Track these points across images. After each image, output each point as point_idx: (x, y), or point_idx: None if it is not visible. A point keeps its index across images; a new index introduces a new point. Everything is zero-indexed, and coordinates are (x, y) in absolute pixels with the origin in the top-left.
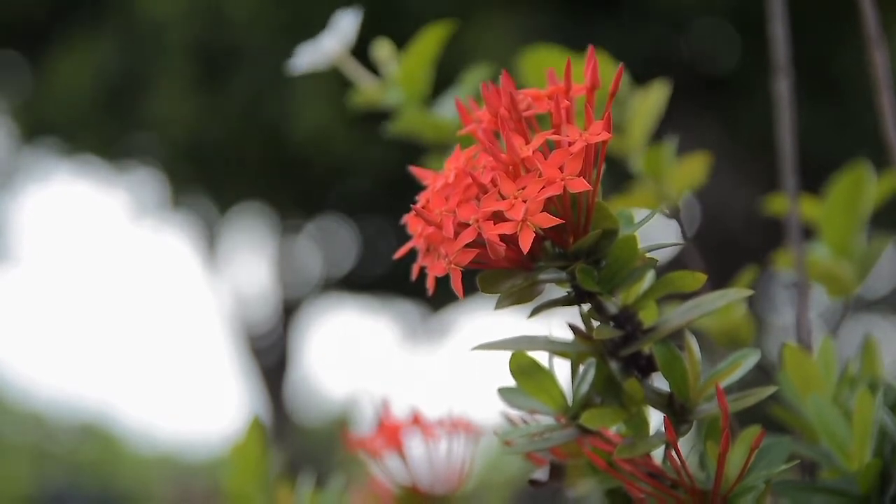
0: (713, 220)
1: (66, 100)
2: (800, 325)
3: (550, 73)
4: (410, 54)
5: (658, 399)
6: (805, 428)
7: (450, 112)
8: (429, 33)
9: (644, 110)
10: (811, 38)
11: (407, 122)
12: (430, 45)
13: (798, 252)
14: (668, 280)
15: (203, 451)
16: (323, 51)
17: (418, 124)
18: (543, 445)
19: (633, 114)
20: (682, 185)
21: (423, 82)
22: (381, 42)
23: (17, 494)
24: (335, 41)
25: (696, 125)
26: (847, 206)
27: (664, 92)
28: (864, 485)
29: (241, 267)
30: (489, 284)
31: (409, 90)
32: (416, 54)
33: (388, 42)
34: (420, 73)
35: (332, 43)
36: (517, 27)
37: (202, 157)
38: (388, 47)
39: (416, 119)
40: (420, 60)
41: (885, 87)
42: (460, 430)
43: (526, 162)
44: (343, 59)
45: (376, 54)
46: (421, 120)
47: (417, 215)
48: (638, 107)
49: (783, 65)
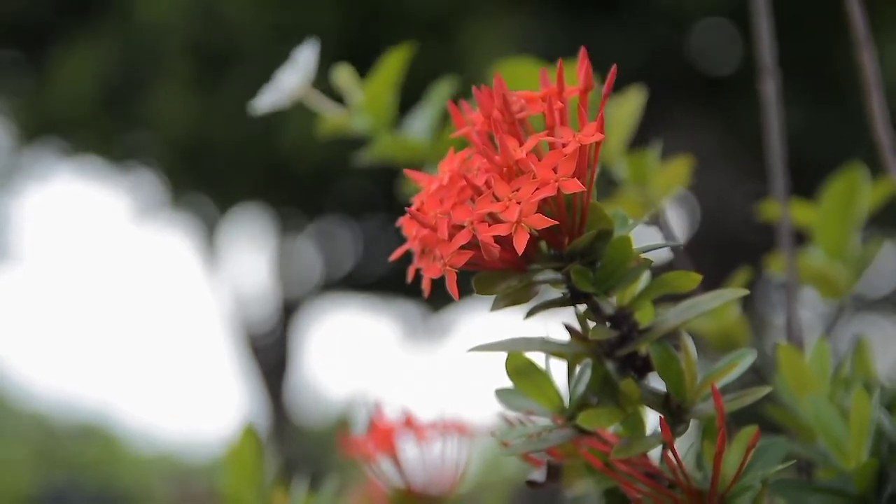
0: (713, 220)
1: (66, 99)
2: (790, 326)
3: (543, 75)
4: (374, 80)
5: (654, 399)
6: (801, 428)
7: (421, 131)
8: (390, 58)
9: (621, 117)
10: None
11: (379, 149)
12: (392, 70)
13: (789, 253)
14: (664, 281)
15: (203, 452)
16: (284, 88)
17: (390, 149)
18: (540, 446)
19: (610, 121)
20: (666, 189)
21: (388, 107)
22: (342, 69)
23: (18, 494)
24: (296, 77)
25: (697, 125)
26: (841, 209)
27: (640, 99)
28: (860, 484)
29: (241, 267)
30: (485, 286)
31: (375, 116)
32: (380, 80)
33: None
34: (385, 98)
35: (293, 79)
36: (517, 27)
37: (202, 157)
38: (348, 74)
39: (387, 144)
40: (384, 86)
41: (875, 88)
42: (454, 432)
43: (520, 164)
44: (306, 93)
45: (338, 82)
46: (393, 144)
47: (412, 218)
48: (615, 114)
49: (769, 65)
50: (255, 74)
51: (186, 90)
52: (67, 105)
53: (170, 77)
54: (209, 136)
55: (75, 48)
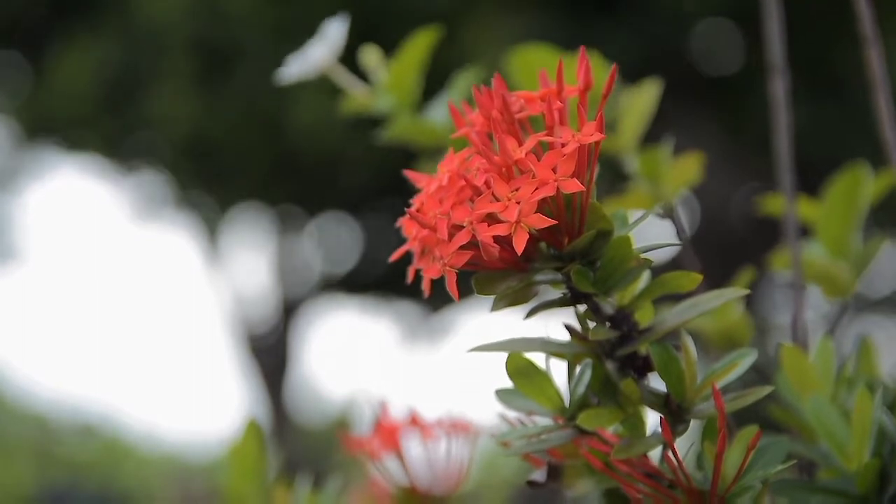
0: (714, 220)
1: (67, 98)
2: (795, 325)
3: (542, 75)
4: (399, 60)
5: (655, 399)
6: (803, 428)
7: (442, 116)
8: (417, 39)
9: (635, 108)
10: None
11: (399, 129)
12: (418, 51)
13: (794, 252)
14: (664, 280)
15: (204, 451)
16: (312, 60)
17: (410, 130)
18: (541, 446)
19: (623, 112)
20: (677, 185)
21: (412, 88)
22: (369, 48)
23: (20, 494)
24: (324, 49)
25: (698, 124)
26: (844, 206)
27: (655, 90)
28: (862, 485)
29: (241, 266)
30: (484, 286)
31: (399, 97)
32: (405, 60)
33: (376, 48)
34: (409, 79)
35: (320, 51)
36: (518, 26)
37: (203, 155)
38: (376, 54)
39: (407, 125)
40: (409, 66)
41: (881, 86)
42: (458, 431)
43: (519, 164)
44: (332, 67)
45: (365, 61)
46: (413, 126)
47: (412, 218)
48: (629, 105)
49: (779, 64)
50: (258, 72)
51: (188, 88)
52: (68, 104)
53: (172, 75)
54: (210, 133)
55: (76, 46)
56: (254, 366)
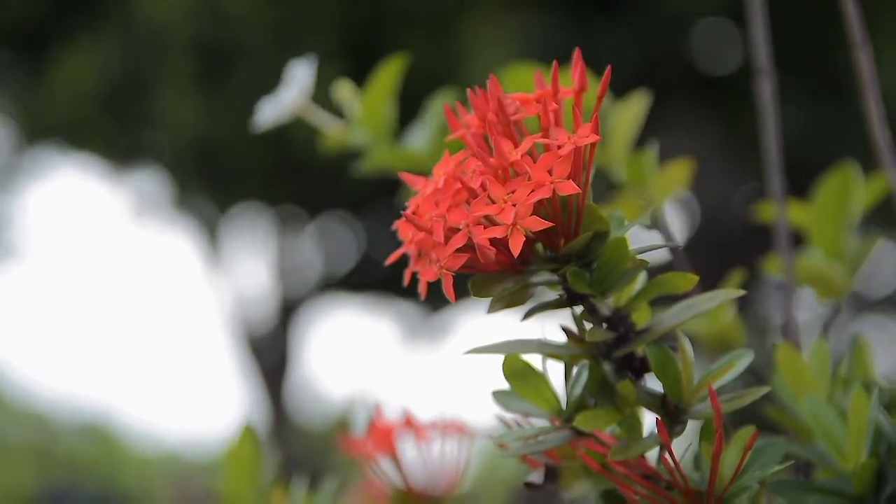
0: (714, 220)
1: (68, 100)
2: (787, 326)
3: (538, 77)
4: (370, 92)
5: (651, 400)
6: (800, 428)
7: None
8: (386, 68)
9: (625, 121)
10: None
11: (376, 160)
12: (388, 80)
13: (786, 253)
14: (661, 282)
15: (204, 451)
16: (284, 103)
17: (388, 160)
18: (538, 448)
19: (614, 125)
20: (666, 191)
21: (386, 118)
22: (342, 83)
23: (19, 494)
24: (294, 92)
25: (697, 124)
26: (835, 207)
27: (644, 103)
28: (859, 485)
29: (241, 267)
30: (481, 288)
31: (373, 128)
32: (375, 91)
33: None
34: (382, 109)
35: (291, 94)
36: (518, 25)
37: (204, 155)
38: (348, 88)
39: (385, 155)
40: (380, 97)
41: (871, 88)
42: (454, 432)
43: (515, 166)
44: (305, 107)
45: (337, 95)
46: (391, 155)
47: (408, 221)
48: (619, 118)
49: (765, 67)
50: (260, 72)
51: (189, 88)
52: (69, 105)
53: (173, 76)
54: (212, 133)
55: (76, 47)
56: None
